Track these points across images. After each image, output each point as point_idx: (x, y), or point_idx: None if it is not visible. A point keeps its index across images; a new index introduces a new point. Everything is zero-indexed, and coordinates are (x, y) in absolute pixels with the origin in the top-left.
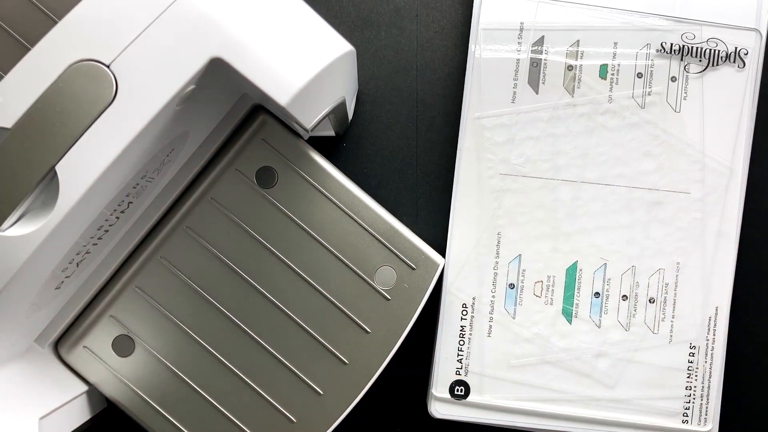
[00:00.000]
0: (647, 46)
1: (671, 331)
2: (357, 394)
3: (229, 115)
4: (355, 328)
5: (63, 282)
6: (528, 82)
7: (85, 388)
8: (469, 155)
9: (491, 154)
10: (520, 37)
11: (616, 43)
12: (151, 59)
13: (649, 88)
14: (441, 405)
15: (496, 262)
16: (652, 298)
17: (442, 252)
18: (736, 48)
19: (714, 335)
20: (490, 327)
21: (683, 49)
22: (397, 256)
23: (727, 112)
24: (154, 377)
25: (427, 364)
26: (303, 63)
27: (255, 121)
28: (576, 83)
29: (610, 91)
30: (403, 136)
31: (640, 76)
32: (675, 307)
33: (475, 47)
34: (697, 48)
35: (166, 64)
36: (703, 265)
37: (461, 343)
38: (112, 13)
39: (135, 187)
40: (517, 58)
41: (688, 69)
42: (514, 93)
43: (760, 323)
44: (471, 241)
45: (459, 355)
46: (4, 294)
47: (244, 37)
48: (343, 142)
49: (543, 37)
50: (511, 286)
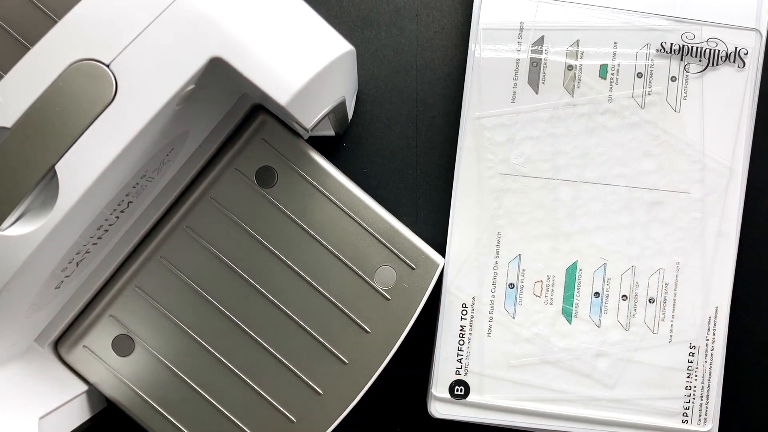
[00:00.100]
0: (647, 46)
1: (671, 331)
2: (357, 393)
3: (228, 115)
4: (355, 327)
5: (63, 282)
6: (528, 82)
7: (84, 387)
8: (469, 155)
9: (491, 154)
10: (520, 36)
11: (616, 43)
12: (150, 59)
13: (649, 88)
14: (441, 405)
15: (496, 262)
16: (651, 298)
17: (442, 252)
18: (736, 48)
19: (714, 335)
20: (490, 327)
21: (683, 49)
22: (396, 255)
23: (727, 112)
24: (153, 377)
25: (427, 364)
26: (303, 63)
27: (255, 121)
28: (576, 83)
29: (610, 91)
30: (403, 136)
31: (640, 76)
32: (675, 307)
33: (475, 47)
34: (697, 48)
35: (165, 64)
36: (703, 265)
37: (461, 342)
38: (112, 12)
39: (135, 187)
40: (517, 58)
41: (688, 69)
42: (514, 93)
43: (760, 323)
44: (471, 240)
45: (459, 354)
46: (4, 294)
47: (243, 36)
48: (343, 142)
49: (543, 36)
50: (511, 285)
